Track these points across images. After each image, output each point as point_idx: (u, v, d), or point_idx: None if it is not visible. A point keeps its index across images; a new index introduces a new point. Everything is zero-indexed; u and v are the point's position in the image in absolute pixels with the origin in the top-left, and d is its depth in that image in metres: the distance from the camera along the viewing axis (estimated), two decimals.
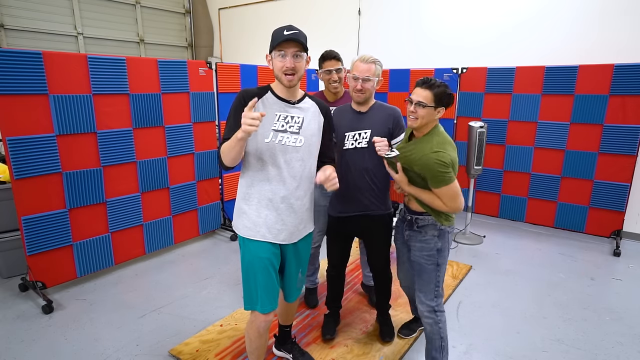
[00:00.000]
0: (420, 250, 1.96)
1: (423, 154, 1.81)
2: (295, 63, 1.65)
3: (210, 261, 3.55)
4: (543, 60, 4.26)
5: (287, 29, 1.62)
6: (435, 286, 1.97)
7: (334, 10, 5.79)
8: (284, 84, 1.69)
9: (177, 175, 3.64)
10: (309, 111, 1.78)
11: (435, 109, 1.81)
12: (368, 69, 2.06)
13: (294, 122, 1.72)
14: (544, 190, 4.23)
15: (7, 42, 5.26)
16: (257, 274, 1.74)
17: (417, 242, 1.97)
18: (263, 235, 1.74)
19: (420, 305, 2.00)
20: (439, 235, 1.93)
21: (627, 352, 2.37)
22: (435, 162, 1.76)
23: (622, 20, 3.94)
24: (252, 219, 1.74)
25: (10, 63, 2.52)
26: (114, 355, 2.29)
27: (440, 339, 1.99)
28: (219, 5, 7.02)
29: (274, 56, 1.67)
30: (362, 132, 2.12)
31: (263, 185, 1.72)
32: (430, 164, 1.78)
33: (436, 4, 4.95)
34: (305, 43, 1.65)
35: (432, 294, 1.97)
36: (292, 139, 1.71)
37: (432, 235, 1.93)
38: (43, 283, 2.84)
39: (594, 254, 3.76)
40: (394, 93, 4.96)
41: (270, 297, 1.76)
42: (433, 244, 1.93)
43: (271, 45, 1.66)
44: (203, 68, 3.70)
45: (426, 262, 1.94)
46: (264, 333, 1.83)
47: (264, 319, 1.77)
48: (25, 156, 2.65)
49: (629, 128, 3.71)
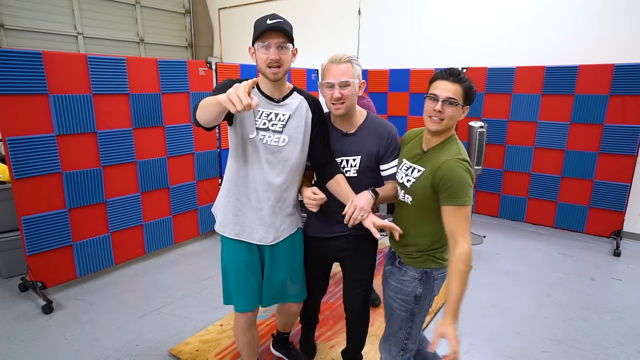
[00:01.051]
0: (395, 292, 1.61)
1: (448, 159, 1.44)
2: (281, 55, 1.51)
3: (210, 261, 3.55)
4: (543, 60, 4.26)
5: (271, 17, 1.49)
6: (405, 339, 1.61)
7: (334, 10, 5.79)
8: (268, 77, 1.55)
9: (177, 175, 3.64)
10: (295, 108, 1.65)
11: (462, 107, 1.45)
12: (344, 70, 1.61)
13: (278, 120, 1.61)
14: (544, 190, 4.23)
15: (7, 42, 5.26)
16: (231, 273, 1.73)
17: (393, 280, 1.63)
18: (237, 233, 1.70)
19: (383, 354, 1.69)
20: (422, 278, 1.56)
21: (627, 352, 2.37)
22: (464, 170, 1.41)
23: (622, 20, 3.94)
24: (229, 217, 1.70)
25: (10, 63, 2.52)
26: (114, 355, 2.29)
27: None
28: (219, 5, 7.02)
29: (257, 48, 1.53)
30: (349, 159, 1.72)
31: (243, 183, 1.66)
32: (456, 170, 1.41)
33: (436, 4, 4.95)
34: (290, 33, 1.52)
35: (398, 346, 1.62)
36: (275, 138, 1.61)
37: (413, 277, 1.56)
38: (43, 283, 2.84)
39: (594, 254, 3.76)
40: (394, 93, 4.97)
41: (245, 298, 1.73)
42: (412, 288, 1.56)
43: (253, 36, 1.52)
44: (203, 68, 3.70)
45: (399, 307, 1.59)
46: (247, 330, 1.82)
47: (241, 317, 1.77)
48: (25, 156, 2.65)
49: (629, 128, 3.71)
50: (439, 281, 1.60)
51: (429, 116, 1.47)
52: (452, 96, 1.41)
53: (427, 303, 1.60)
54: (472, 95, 1.45)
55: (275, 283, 1.80)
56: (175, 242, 3.73)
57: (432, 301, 1.63)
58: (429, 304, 1.61)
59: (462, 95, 1.42)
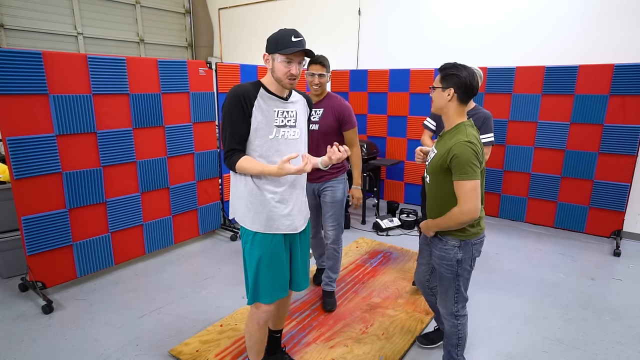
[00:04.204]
0: (440, 259, 1.91)
1: (457, 141, 1.74)
2: (299, 69, 1.72)
3: (210, 261, 3.55)
4: (543, 60, 4.26)
5: (295, 35, 1.65)
6: (455, 293, 1.94)
7: (334, 10, 5.79)
8: (285, 86, 1.73)
9: (177, 175, 3.64)
10: (299, 104, 1.86)
11: (443, 89, 1.79)
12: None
13: (290, 116, 1.80)
14: (544, 190, 4.23)
15: (7, 42, 5.27)
16: (269, 267, 1.78)
17: (437, 249, 1.93)
18: (277, 227, 1.78)
19: (441, 308, 2.02)
20: (460, 245, 1.85)
21: (627, 352, 2.37)
22: (470, 151, 1.70)
23: (622, 20, 3.94)
24: (264, 214, 1.76)
25: (10, 63, 2.52)
26: (114, 355, 2.29)
27: (458, 338, 2.01)
28: (219, 5, 7.02)
29: (277, 59, 1.68)
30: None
31: (270, 179, 1.75)
32: (458, 148, 1.71)
33: (436, 4, 4.95)
34: (310, 53, 1.72)
35: (452, 299, 1.96)
36: (292, 132, 1.79)
37: (453, 246, 1.86)
38: (43, 283, 2.84)
39: (594, 254, 3.76)
40: (394, 93, 4.97)
41: (278, 288, 1.82)
42: (453, 254, 1.86)
43: (276, 48, 1.66)
44: (203, 68, 3.70)
45: (445, 270, 1.91)
46: (264, 325, 1.87)
47: (265, 309, 1.81)
48: (25, 156, 2.65)
49: (629, 128, 3.71)
50: (477, 246, 1.88)
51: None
52: (434, 85, 1.84)
53: (468, 264, 1.89)
54: (450, 78, 1.77)
55: (301, 266, 1.95)
56: (175, 242, 3.73)
57: (473, 262, 1.92)
58: (470, 265, 1.90)
59: (439, 80, 1.80)
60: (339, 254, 2.79)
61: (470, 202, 1.71)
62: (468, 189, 1.71)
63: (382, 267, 3.44)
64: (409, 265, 3.47)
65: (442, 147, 1.81)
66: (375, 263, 3.52)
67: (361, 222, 4.59)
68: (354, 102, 5.30)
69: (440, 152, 1.80)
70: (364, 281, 3.18)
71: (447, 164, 1.74)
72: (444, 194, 1.83)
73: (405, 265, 3.47)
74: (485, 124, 2.63)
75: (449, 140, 1.79)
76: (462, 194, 1.72)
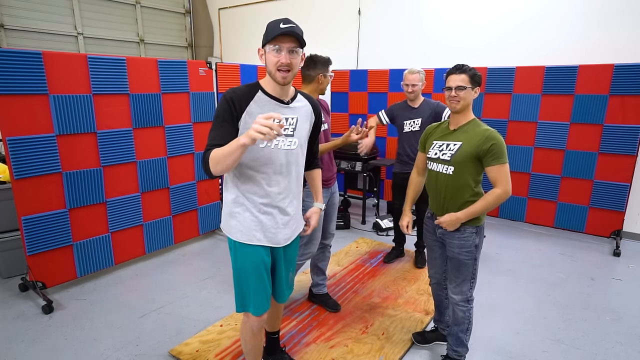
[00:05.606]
0: (459, 247, 2.02)
1: (487, 130, 1.92)
2: (291, 59, 1.53)
3: (210, 261, 3.55)
4: (543, 60, 4.26)
5: (284, 22, 1.51)
6: (472, 278, 2.07)
7: (334, 10, 5.79)
8: (277, 81, 1.56)
9: (177, 175, 3.64)
10: (302, 110, 1.69)
11: (472, 89, 1.95)
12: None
13: (289, 124, 1.63)
14: (544, 190, 4.23)
15: (7, 42, 5.27)
16: (250, 278, 1.70)
17: (454, 239, 2.03)
18: (259, 239, 1.68)
19: (455, 295, 2.10)
20: (477, 231, 2.02)
21: (627, 352, 2.37)
22: (502, 138, 1.90)
23: (622, 20, 3.94)
24: (246, 224, 1.66)
25: (10, 63, 2.52)
26: (114, 355, 2.29)
27: (469, 322, 2.13)
28: (219, 5, 7.02)
29: (267, 50, 1.55)
30: None
31: (257, 190, 1.64)
32: (495, 136, 1.89)
33: (436, 4, 4.95)
34: (302, 38, 1.54)
35: (468, 285, 2.07)
36: (287, 142, 1.63)
37: (471, 233, 2.01)
38: (43, 283, 2.84)
39: (594, 254, 3.76)
40: (394, 93, 4.97)
41: (263, 300, 1.74)
42: (471, 240, 2.01)
43: (265, 38, 1.54)
44: (203, 68, 3.70)
45: (465, 258, 2.02)
46: (258, 332, 1.82)
47: (256, 319, 1.76)
48: (25, 156, 2.65)
49: (629, 128, 3.71)
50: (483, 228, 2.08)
51: (449, 101, 1.98)
52: (460, 84, 1.93)
53: (481, 247, 2.08)
54: (477, 78, 1.96)
55: (284, 278, 1.87)
56: (175, 242, 3.73)
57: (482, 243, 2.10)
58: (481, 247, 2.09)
59: (468, 80, 1.94)
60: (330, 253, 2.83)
61: (510, 182, 1.94)
62: (507, 170, 1.93)
63: (382, 267, 3.44)
64: (409, 265, 3.48)
65: (466, 137, 1.95)
66: (375, 263, 3.52)
67: (361, 222, 4.59)
68: (354, 102, 5.30)
69: (472, 142, 1.92)
70: (364, 281, 3.18)
71: (484, 151, 1.89)
72: (463, 184, 1.97)
73: (405, 265, 3.47)
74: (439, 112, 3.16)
75: (472, 132, 1.95)
76: (505, 176, 1.91)
